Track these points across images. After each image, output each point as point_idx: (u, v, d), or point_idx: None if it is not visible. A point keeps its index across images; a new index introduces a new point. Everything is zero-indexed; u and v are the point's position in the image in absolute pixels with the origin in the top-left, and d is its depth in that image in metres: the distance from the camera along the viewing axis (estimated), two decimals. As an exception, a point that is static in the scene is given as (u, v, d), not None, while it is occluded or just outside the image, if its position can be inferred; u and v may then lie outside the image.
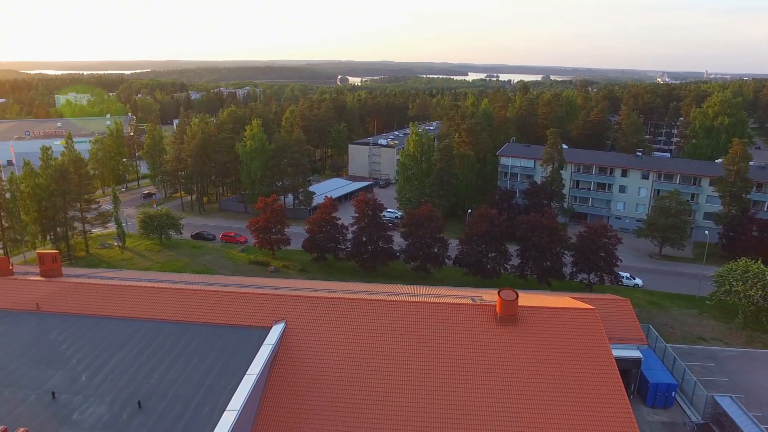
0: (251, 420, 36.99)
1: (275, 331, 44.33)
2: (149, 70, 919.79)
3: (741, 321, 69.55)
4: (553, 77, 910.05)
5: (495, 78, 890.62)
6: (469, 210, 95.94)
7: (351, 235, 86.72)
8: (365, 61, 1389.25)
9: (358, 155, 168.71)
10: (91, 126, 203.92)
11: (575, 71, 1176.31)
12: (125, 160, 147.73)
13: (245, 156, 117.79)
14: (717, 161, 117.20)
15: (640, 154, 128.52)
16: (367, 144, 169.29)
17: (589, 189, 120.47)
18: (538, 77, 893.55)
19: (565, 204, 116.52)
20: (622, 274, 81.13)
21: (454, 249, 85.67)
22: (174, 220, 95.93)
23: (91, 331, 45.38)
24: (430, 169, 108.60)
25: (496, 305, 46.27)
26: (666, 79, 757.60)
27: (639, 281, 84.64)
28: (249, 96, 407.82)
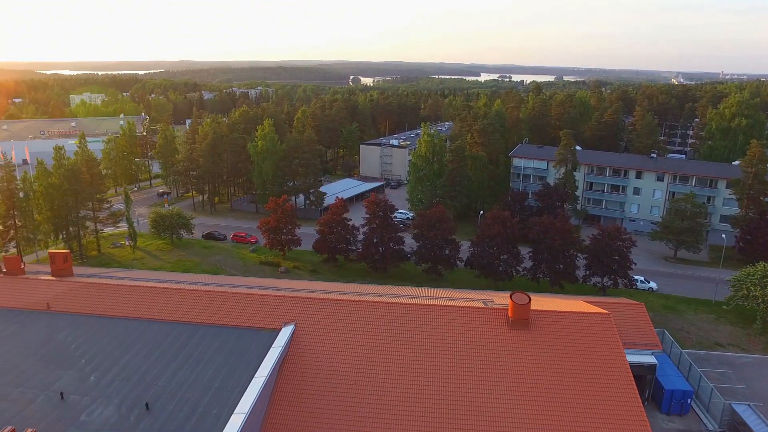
0: (259, 423, 36.66)
1: (284, 333, 44.03)
2: (163, 70, 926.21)
3: (759, 327, 68.18)
4: (566, 78, 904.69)
5: (507, 79, 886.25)
6: (481, 211, 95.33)
7: (362, 236, 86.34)
8: (377, 62, 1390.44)
9: (369, 156, 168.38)
10: (105, 126, 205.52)
11: (588, 72, 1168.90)
12: (137, 159, 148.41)
13: (256, 156, 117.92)
14: (734, 163, 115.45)
15: (654, 155, 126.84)
16: (379, 144, 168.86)
17: (603, 191, 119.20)
18: (550, 78, 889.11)
19: (578, 206, 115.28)
20: (636, 277, 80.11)
21: (465, 251, 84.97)
22: (185, 220, 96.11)
23: (101, 332, 45.40)
24: (441, 170, 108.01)
25: (508, 309, 45.72)
26: (680, 80, 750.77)
27: (653, 285, 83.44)
28: (261, 96, 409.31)
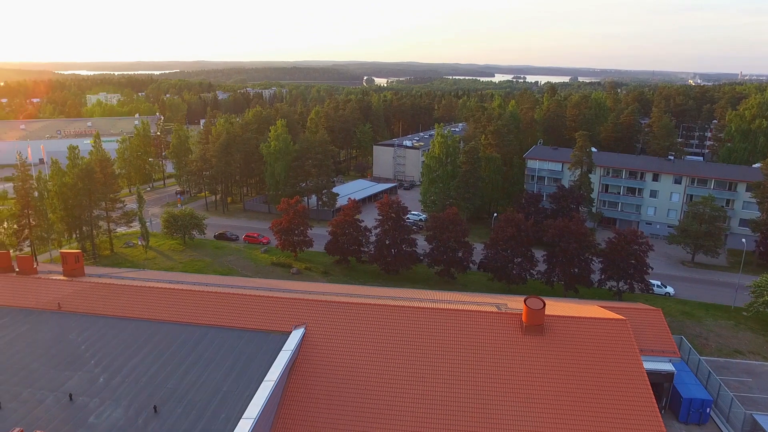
0: (268, 428, 36.22)
1: (295, 337, 43.59)
2: (178, 70, 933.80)
3: (780, 334, 66.65)
4: (581, 79, 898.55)
5: (522, 79, 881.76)
6: (495, 214, 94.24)
7: (374, 238, 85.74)
8: (391, 62, 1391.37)
9: (382, 156, 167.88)
10: (120, 125, 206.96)
11: (603, 72, 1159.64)
12: (151, 159, 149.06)
13: (269, 156, 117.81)
14: (755, 166, 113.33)
15: (672, 157, 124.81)
16: (392, 145, 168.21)
17: (619, 193, 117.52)
18: (565, 79, 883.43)
19: (594, 208, 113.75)
20: (652, 282, 78.60)
21: (479, 253, 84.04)
22: (197, 220, 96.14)
23: (111, 332, 45.27)
24: (455, 172, 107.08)
25: (522, 314, 44.93)
26: (698, 81, 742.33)
27: (670, 290, 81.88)
28: (275, 96, 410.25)
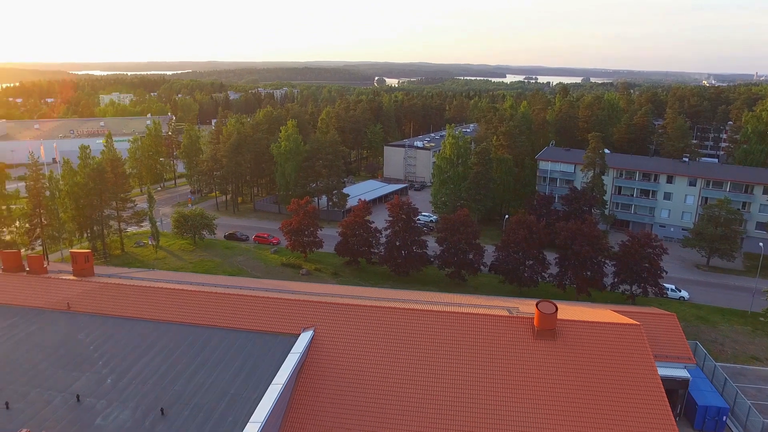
0: (275, 433, 35.73)
1: (303, 339, 43.17)
2: (190, 71, 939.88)
3: (799, 340, 65.27)
4: (593, 79, 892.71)
5: (533, 80, 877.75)
6: (506, 215, 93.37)
7: (384, 239, 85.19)
8: (402, 63, 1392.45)
9: (393, 157, 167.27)
10: (132, 125, 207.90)
11: (616, 73, 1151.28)
12: (162, 159, 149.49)
13: (280, 157, 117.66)
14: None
15: (687, 159, 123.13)
16: (403, 146, 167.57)
17: (632, 195, 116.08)
18: (577, 79, 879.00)
19: (607, 211, 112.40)
20: (666, 285, 77.29)
21: (490, 255, 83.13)
22: (207, 220, 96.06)
23: (119, 333, 45.10)
24: (466, 173, 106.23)
25: (533, 318, 44.20)
26: (712, 82, 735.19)
27: (685, 294, 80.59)
28: (286, 97, 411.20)
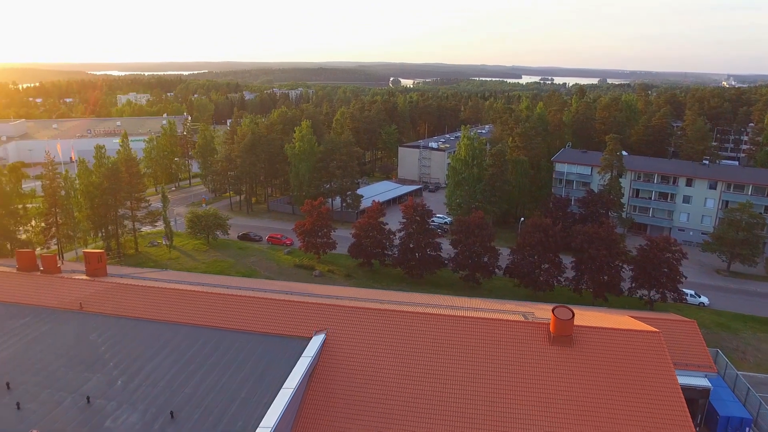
0: (285, 438, 35.20)
1: (315, 343, 42.62)
2: (206, 71, 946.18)
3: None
4: (610, 80, 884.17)
5: (549, 81, 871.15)
6: (522, 218, 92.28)
7: (398, 241, 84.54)
8: (417, 63, 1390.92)
9: (407, 158, 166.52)
10: (148, 125, 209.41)
11: (633, 74, 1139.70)
12: (177, 159, 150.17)
13: (294, 157, 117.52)
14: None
15: (707, 162, 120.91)
16: (418, 147, 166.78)
17: (650, 198, 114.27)
18: (594, 80, 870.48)
19: (624, 214, 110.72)
20: (686, 291, 75.74)
21: (504, 258, 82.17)
22: (221, 220, 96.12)
23: (130, 334, 44.92)
24: (481, 175, 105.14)
25: (549, 323, 43.24)
26: (732, 83, 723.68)
27: (705, 300, 78.94)
28: (302, 97, 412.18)
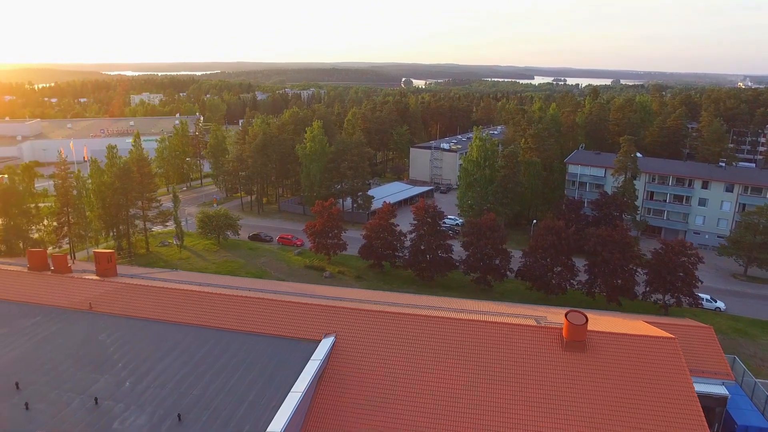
0: (293, 443, 34.71)
1: (324, 346, 42.16)
2: (219, 71, 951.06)
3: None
4: (624, 81, 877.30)
5: (562, 82, 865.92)
6: (534, 220, 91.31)
7: (409, 243, 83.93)
8: (429, 64, 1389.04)
9: (419, 159, 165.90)
10: (161, 125, 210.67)
11: (647, 75, 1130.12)
12: (189, 159, 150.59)
13: (305, 158, 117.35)
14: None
15: (723, 164, 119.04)
16: (429, 148, 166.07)
17: (665, 201, 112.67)
18: (607, 81, 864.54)
19: (638, 217, 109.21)
20: (701, 296, 74.41)
21: (516, 261, 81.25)
22: (231, 220, 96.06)
23: (139, 335, 44.74)
24: (493, 176, 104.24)
25: (562, 328, 42.44)
26: (748, 84, 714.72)
27: (721, 305, 77.51)
28: (313, 97, 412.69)
